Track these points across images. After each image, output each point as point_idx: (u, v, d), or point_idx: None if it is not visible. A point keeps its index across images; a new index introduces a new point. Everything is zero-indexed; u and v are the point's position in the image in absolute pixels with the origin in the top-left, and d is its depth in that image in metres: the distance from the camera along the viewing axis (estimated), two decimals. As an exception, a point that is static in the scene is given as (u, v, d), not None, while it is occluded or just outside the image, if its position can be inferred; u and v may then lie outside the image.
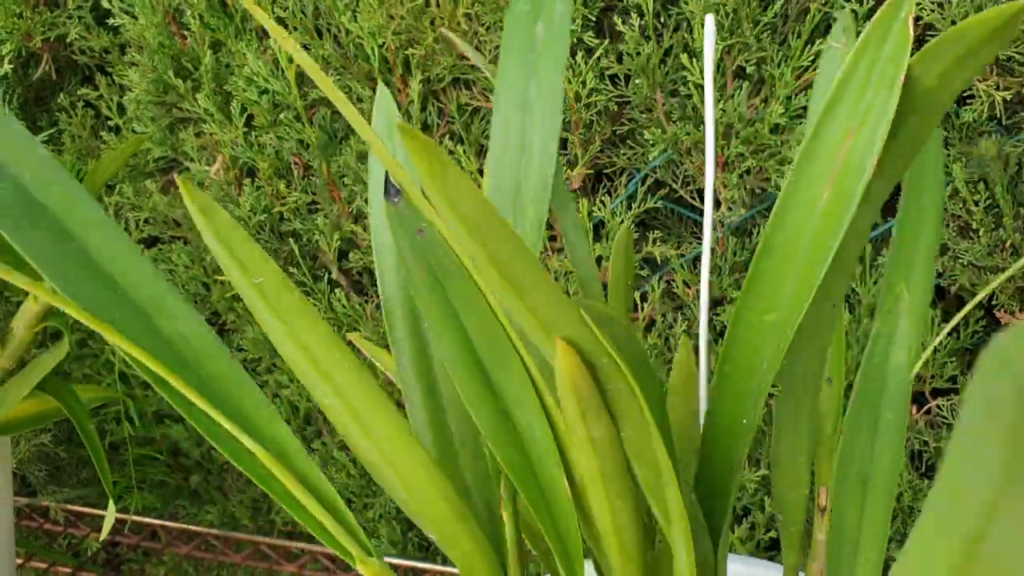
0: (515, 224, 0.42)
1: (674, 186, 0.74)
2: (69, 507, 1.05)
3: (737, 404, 0.36)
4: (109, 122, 0.87)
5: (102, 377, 0.93)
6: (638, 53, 0.66)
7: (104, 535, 0.70)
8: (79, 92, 0.87)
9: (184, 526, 1.04)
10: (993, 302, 0.71)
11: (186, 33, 0.81)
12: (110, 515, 0.70)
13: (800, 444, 0.44)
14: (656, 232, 0.76)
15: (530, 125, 0.43)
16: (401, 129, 0.27)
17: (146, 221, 0.89)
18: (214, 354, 0.36)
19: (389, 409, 0.38)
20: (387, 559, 0.94)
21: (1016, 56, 0.62)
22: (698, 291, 0.76)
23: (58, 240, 0.34)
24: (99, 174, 0.65)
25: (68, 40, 0.84)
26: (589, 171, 0.75)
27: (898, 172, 0.34)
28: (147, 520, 1.06)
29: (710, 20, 0.46)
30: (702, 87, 0.67)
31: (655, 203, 0.76)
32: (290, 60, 0.75)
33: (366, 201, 0.79)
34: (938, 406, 0.76)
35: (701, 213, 0.74)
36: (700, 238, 0.76)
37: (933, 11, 0.62)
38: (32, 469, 1.05)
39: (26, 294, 0.67)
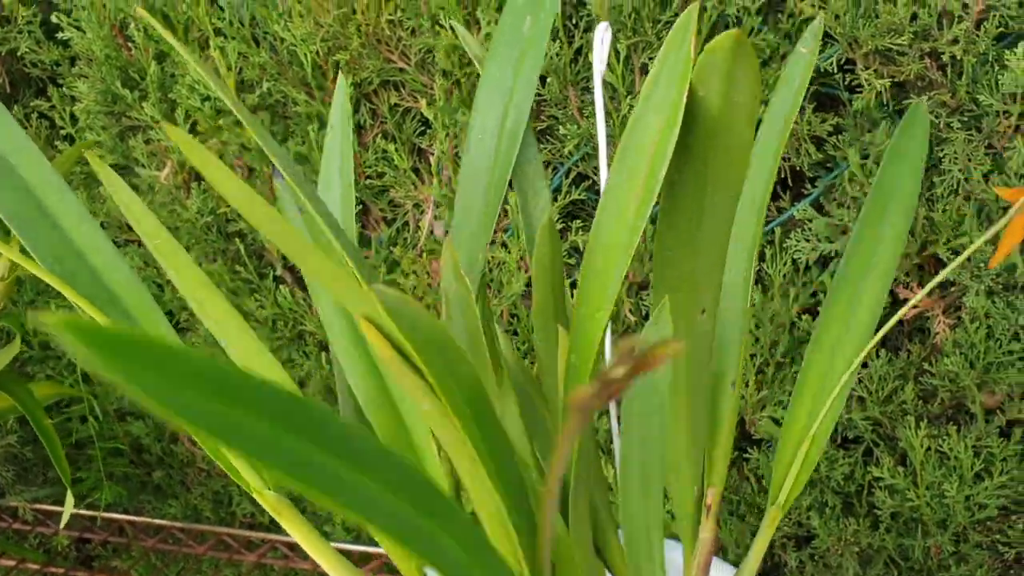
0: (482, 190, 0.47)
1: (595, 178, 0.79)
2: (38, 506, 1.09)
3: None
4: (63, 131, 0.92)
5: (64, 377, 0.97)
6: (547, 55, 0.71)
7: (63, 525, 0.74)
8: (32, 104, 0.91)
9: (149, 520, 1.08)
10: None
11: (131, 45, 0.85)
12: (68, 506, 0.73)
13: (694, 445, 0.47)
14: (578, 222, 0.80)
15: (510, 104, 0.48)
16: (169, 129, 0.31)
17: (101, 225, 0.93)
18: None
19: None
20: (340, 544, 0.98)
21: (894, 47, 0.66)
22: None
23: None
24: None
25: (19, 54, 0.89)
26: (514, 166, 0.80)
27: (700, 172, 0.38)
28: (114, 516, 1.10)
29: (601, 28, 0.50)
30: (611, 84, 0.72)
31: (579, 195, 0.80)
32: (229, 68, 0.80)
33: (305, 200, 0.83)
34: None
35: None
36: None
37: (815, 6, 0.66)
38: None
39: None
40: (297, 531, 0.48)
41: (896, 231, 0.47)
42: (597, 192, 0.81)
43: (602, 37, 0.49)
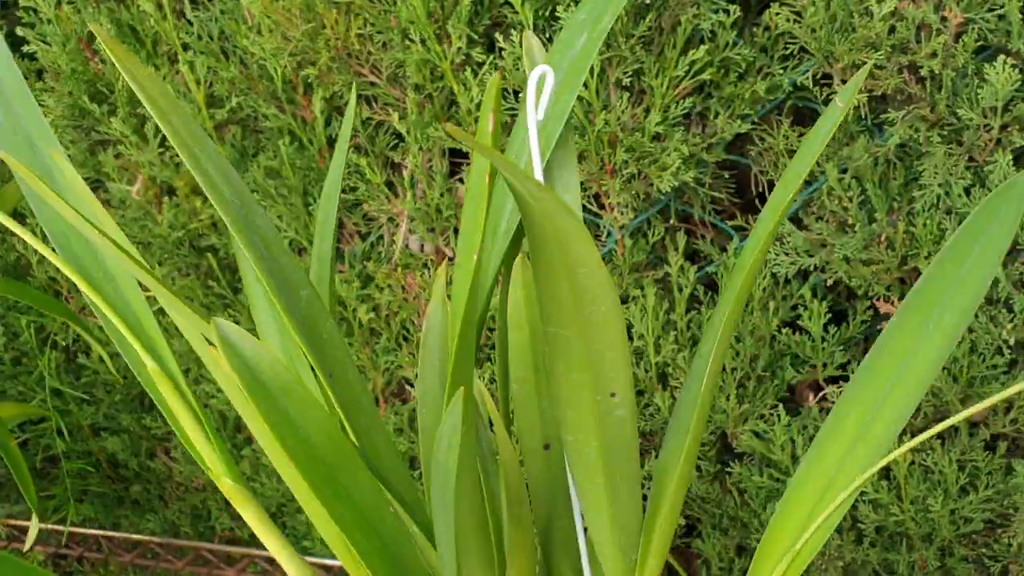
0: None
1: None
2: (12, 522, 1.07)
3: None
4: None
5: (35, 393, 0.96)
6: (518, 68, 0.70)
7: (28, 546, 0.73)
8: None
9: (126, 535, 1.07)
10: (870, 292, 0.74)
11: (99, 59, 0.84)
12: (34, 527, 0.72)
13: (622, 533, 0.44)
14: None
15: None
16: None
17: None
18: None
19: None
20: (322, 560, 0.97)
21: (870, 60, 0.65)
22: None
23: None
24: (6, 199, 0.68)
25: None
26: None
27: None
28: (90, 531, 1.08)
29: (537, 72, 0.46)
30: (585, 99, 0.70)
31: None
32: (198, 83, 0.78)
33: (280, 217, 0.82)
34: (831, 392, 0.79)
35: (595, 215, 0.77)
36: (598, 237, 0.79)
37: (790, 20, 0.65)
38: (-25, 486, 1.07)
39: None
40: (251, 517, 0.49)
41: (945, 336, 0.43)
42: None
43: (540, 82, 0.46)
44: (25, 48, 0.85)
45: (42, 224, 0.48)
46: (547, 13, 0.71)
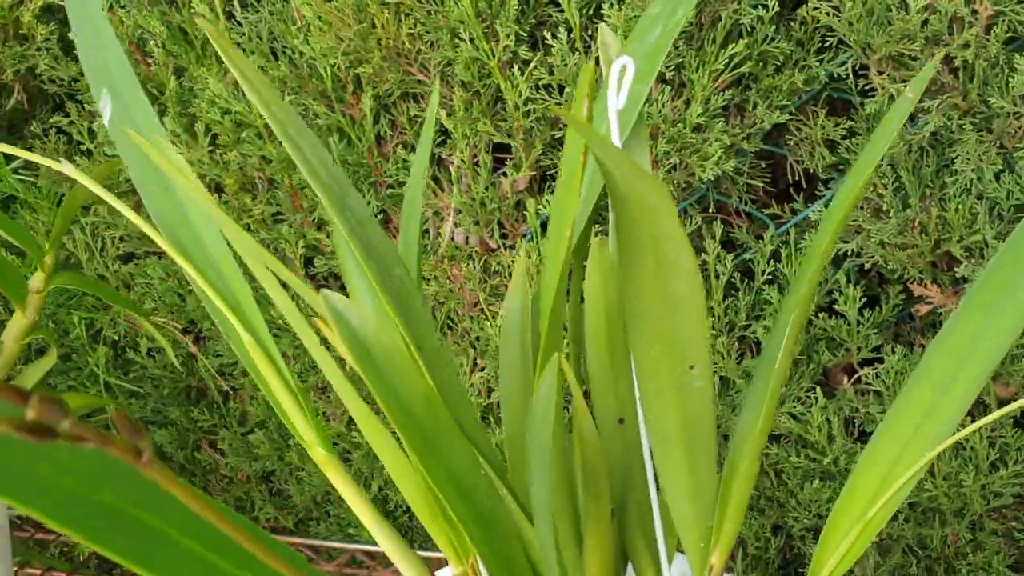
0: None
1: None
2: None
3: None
4: (81, 147, 0.93)
5: (87, 388, 0.99)
6: (566, 65, 0.72)
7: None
8: (51, 120, 0.92)
9: (172, 527, 1.09)
10: (905, 276, 0.77)
11: (150, 60, 0.86)
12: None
13: (698, 502, 0.46)
14: (598, 226, 0.82)
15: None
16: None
17: (121, 239, 0.94)
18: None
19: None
20: (366, 546, 1.00)
21: (907, 52, 0.68)
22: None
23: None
24: (77, 197, 0.71)
25: (38, 71, 0.90)
26: (534, 173, 0.81)
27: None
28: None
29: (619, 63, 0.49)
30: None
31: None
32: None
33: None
34: (865, 375, 0.82)
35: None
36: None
37: (829, 14, 0.68)
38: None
39: (12, 311, 0.72)
40: (342, 486, 0.51)
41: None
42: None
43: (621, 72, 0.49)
44: (75, 52, 0.87)
45: (150, 211, 0.51)
46: (590, 12, 0.74)
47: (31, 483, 0.26)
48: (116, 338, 0.97)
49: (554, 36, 0.73)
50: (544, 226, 0.84)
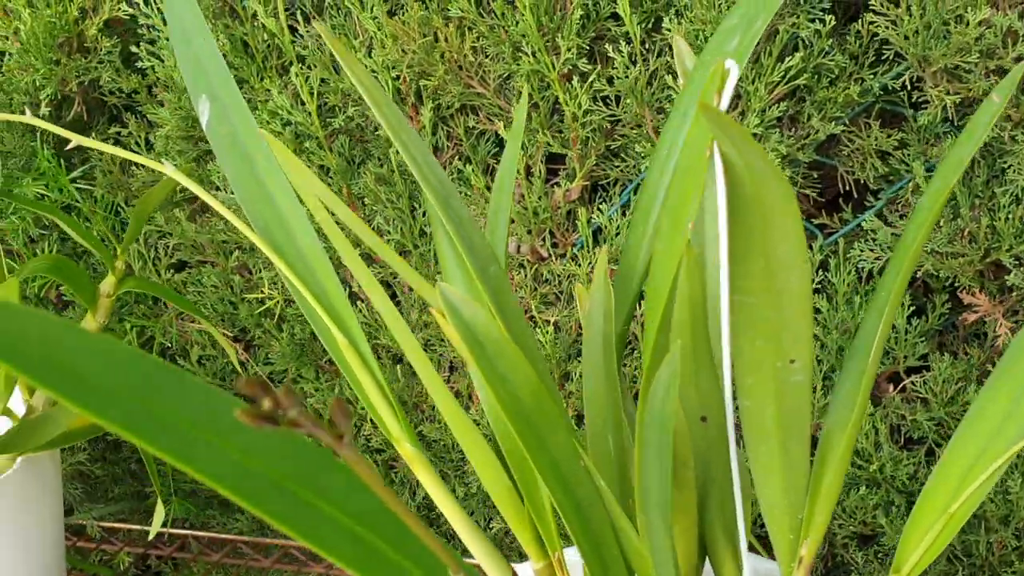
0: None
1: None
2: (102, 523, 1.11)
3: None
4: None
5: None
6: (626, 76, 0.74)
7: (154, 532, 0.77)
8: (109, 131, 0.94)
9: (214, 534, 1.10)
10: (955, 284, 0.79)
11: (210, 73, 0.88)
12: (159, 513, 0.76)
13: (790, 493, 0.48)
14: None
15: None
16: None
17: (176, 248, 0.96)
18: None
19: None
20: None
21: (962, 64, 0.70)
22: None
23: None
24: (145, 206, 0.72)
25: (100, 83, 0.91)
26: (586, 183, 0.83)
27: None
28: (178, 531, 1.12)
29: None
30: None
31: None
32: (311, 94, 0.83)
33: (385, 220, 0.86)
34: (912, 383, 0.84)
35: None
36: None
37: (887, 27, 0.70)
38: (68, 488, 1.11)
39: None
40: (428, 482, 0.52)
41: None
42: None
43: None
44: (138, 64, 0.90)
45: (245, 210, 0.53)
46: (649, 26, 0.76)
47: (223, 464, 0.28)
48: (168, 345, 0.99)
49: (616, 49, 0.75)
50: (596, 234, 0.85)
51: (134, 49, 0.89)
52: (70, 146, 0.55)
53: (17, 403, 0.79)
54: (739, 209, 0.38)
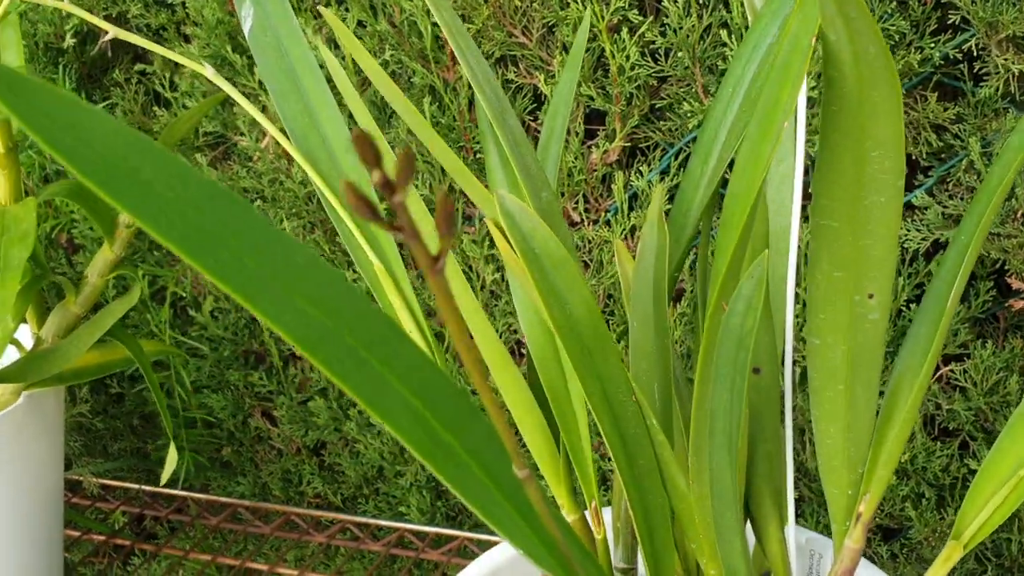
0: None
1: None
2: (100, 480, 1.08)
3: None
4: (162, 96, 0.92)
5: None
6: (680, 28, 0.72)
7: (165, 478, 0.74)
8: (134, 68, 0.91)
9: (213, 497, 1.07)
10: (1005, 268, 0.76)
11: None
12: (171, 459, 0.73)
13: (852, 445, 0.45)
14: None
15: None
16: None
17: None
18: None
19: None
20: (415, 526, 0.98)
21: (1031, 34, 0.67)
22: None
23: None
24: (175, 131, 0.70)
25: (128, 16, 0.89)
26: (626, 144, 0.80)
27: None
28: (176, 492, 1.08)
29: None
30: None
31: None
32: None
33: (418, 174, 0.84)
34: (951, 371, 0.81)
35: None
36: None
37: (956, -9, 0.67)
38: (68, 440, 1.07)
39: (101, 243, 0.71)
40: None
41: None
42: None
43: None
44: (166, 1, 0.87)
45: (284, 119, 0.50)
46: (705, -21, 0.73)
47: (288, 310, 0.25)
48: (182, 294, 0.96)
49: (671, 0, 0.72)
50: (632, 200, 0.82)
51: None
52: (107, 38, 0.52)
53: (25, 336, 0.76)
54: (835, 111, 0.35)
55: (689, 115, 0.75)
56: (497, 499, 0.29)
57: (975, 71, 0.72)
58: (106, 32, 0.54)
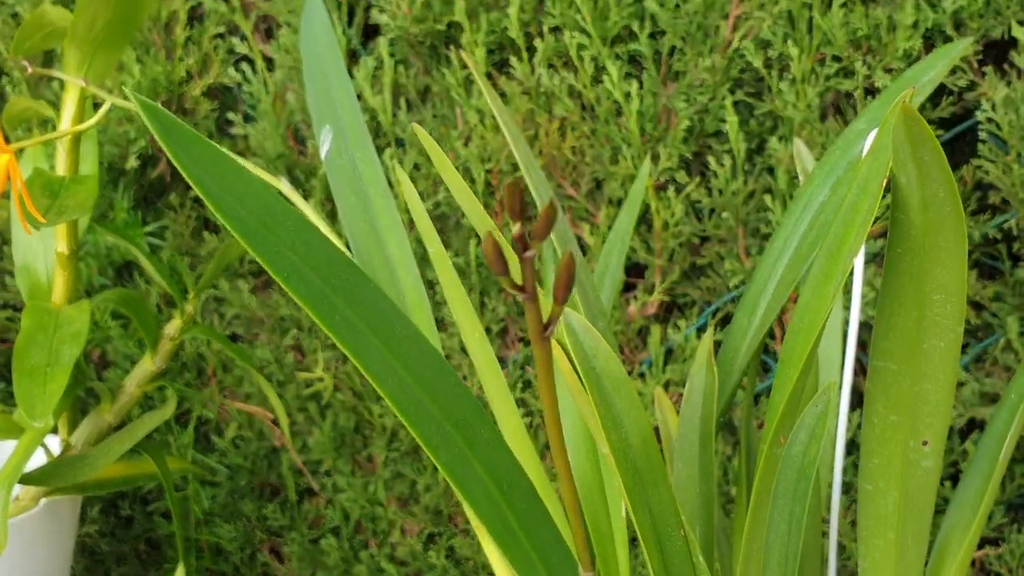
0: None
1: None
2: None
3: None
4: (214, 223, 0.94)
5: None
6: (726, 189, 0.74)
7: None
8: (189, 193, 0.94)
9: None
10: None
11: (302, 150, 0.89)
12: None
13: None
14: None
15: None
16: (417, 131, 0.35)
17: (233, 318, 0.94)
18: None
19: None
20: None
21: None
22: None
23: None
24: (228, 252, 0.71)
25: (191, 145, 0.92)
26: (665, 298, 0.82)
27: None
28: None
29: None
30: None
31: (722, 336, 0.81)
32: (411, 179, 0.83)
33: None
34: (985, 555, 0.79)
35: (767, 351, 0.80)
36: (768, 371, 0.81)
37: (993, 174, 0.69)
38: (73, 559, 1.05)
39: (134, 361, 0.71)
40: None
41: None
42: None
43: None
44: (231, 131, 0.91)
45: (351, 242, 0.51)
46: (753, 146, 0.76)
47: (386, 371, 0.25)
48: (209, 416, 0.95)
49: (718, 163, 0.75)
50: (667, 355, 0.83)
51: (230, 116, 0.91)
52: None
53: (52, 442, 0.76)
54: (899, 253, 0.36)
55: (730, 274, 0.77)
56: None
57: (1013, 251, 0.74)
58: (167, 159, 0.56)
